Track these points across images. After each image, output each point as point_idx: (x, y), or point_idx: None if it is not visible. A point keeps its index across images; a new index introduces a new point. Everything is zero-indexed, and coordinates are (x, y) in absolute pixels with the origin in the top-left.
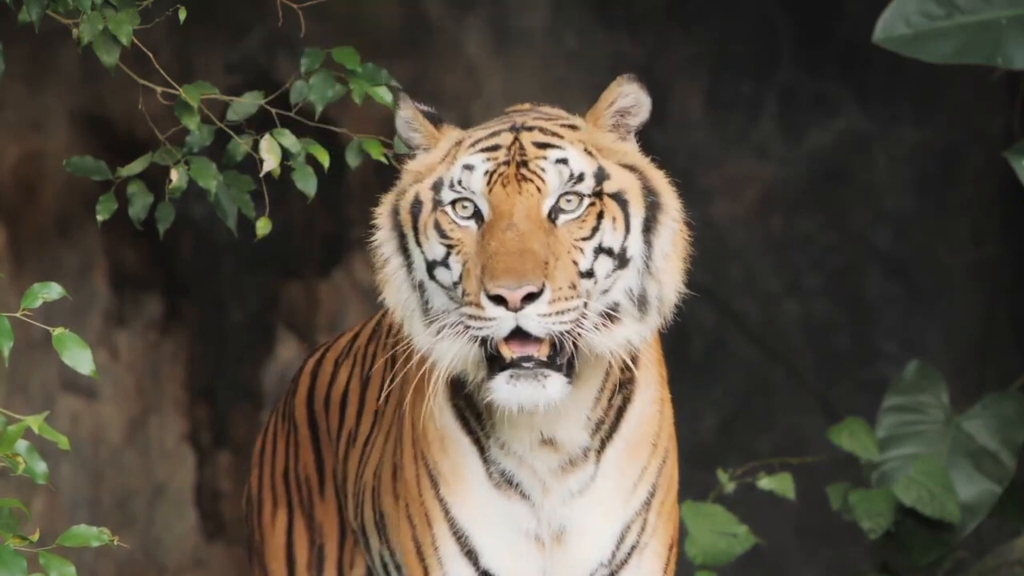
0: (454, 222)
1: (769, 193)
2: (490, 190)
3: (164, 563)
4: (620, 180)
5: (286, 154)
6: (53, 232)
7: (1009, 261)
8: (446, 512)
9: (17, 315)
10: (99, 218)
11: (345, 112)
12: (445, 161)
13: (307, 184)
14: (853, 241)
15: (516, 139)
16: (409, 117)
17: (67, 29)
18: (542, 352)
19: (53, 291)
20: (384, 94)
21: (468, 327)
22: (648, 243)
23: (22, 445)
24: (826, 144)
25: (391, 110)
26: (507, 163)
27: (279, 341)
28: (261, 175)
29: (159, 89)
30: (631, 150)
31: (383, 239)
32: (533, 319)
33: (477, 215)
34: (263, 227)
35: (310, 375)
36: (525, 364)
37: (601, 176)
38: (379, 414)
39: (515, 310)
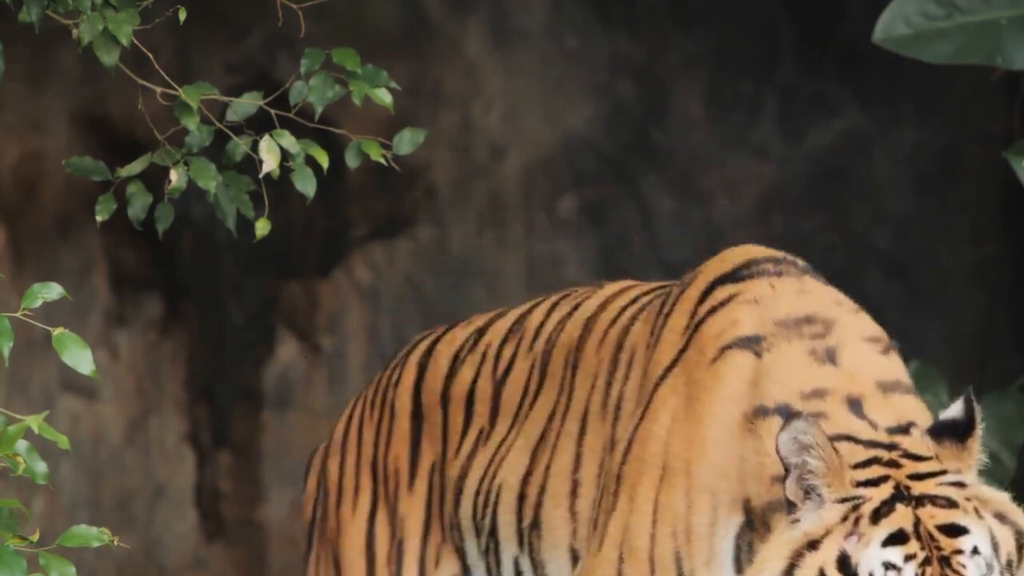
0: None
1: (769, 193)
2: None
3: (164, 563)
4: (1005, 541)
5: (285, 155)
6: (53, 232)
7: (1009, 261)
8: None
9: (17, 315)
10: (98, 218)
11: (345, 113)
12: (846, 532)
13: (306, 185)
14: (853, 241)
15: (917, 520)
16: (809, 440)
17: (67, 29)
18: None
19: (53, 291)
20: (384, 95)
21: None
22: None
23: (22, 445)
24: (826, 144)
25: (390, 111)
26: (927, 562)
27: (279, 341)
28: (260, 176)
29: (159, 89)
30: (1000, 496)
31: None
32: None
33: None
34: (262, 227)
35: (417, 366)
36: None
37: (1006, 556)
38: (520, 418)
39: None
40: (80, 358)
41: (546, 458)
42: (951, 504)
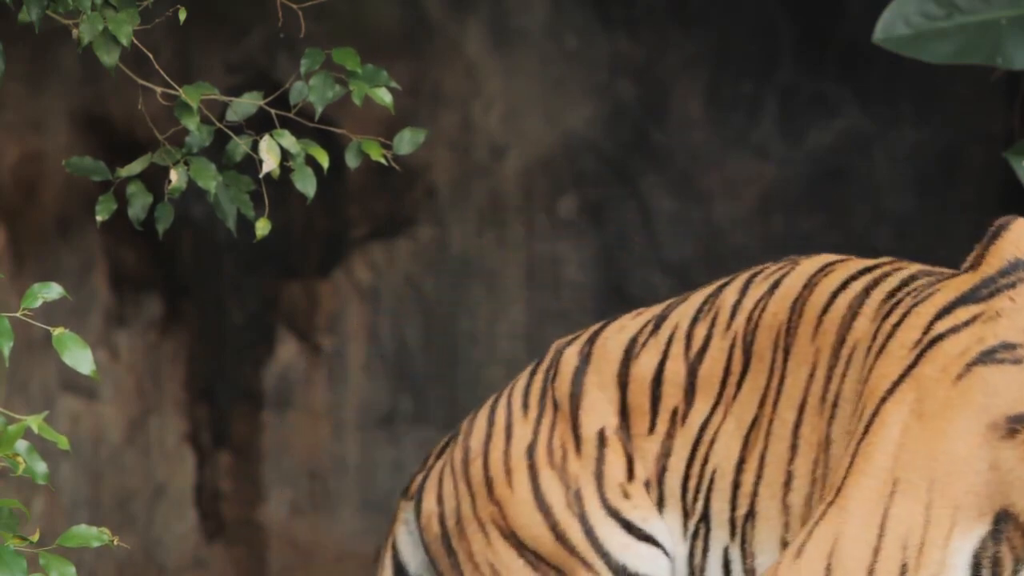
0: None
1: (769, 193)
2: None
3: (164, 563)
4: None
5: (285, 155)
6: (53, 232)
7: None
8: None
9: (17, 315)
10: (98, 218)
11: (345, 113)
12: None
13: (306, 185)
14: (853, 241)
15: None
16: None
17: (67, 29)
18: None
19: (53, 291)
20: (384, 95)
21: None
22: None
23: (22, 445)
24: (826, 144)
25: (390, 111)
26: None
27: (279, 341)
28: (260, 176)
29: (159, 89)
30: None
31: None
32: None
33: None
34: (262, 228)
35: (579, 356)
36: None
37: None
38: (724, 398)
39: None
40: (80, 358)
41: (760, 445)
42: None
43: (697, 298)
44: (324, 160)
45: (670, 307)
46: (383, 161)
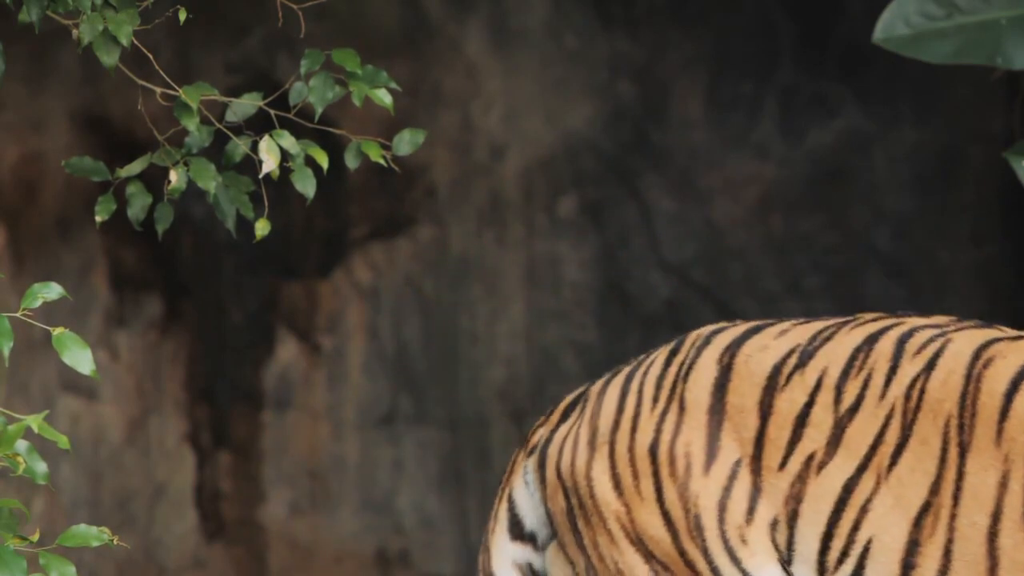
0: None
1: (769, 193)
2: None
3: (164, 563)
4: None
5: (285, 155)
6: (53, 232)
7: (1009, 261)
8: None
9: (17, 315)
10: (98, 219)
11: (345, 113)
12: None
13: (306, 185)
14: (853, 241)
15: None
16: None
17: (67, 29)
18: None
19: (53, 291)
20: (384, 96)
21: None
22: None
23: (22, 445)
24: (826, 144)
25: (390, 112)
26: None
27: (279, 341)
28: (260, 176)
29: (159, 90)
30: None
31: None
32: None
33: None
34: (262, 228)
35: (718, 366)
36: None
37: None
38: (873, 465)
39: None
40: (80, 358)
41: (941, 536)
42: None
43: (845, 343)
44: (324, 161)
45: (815, 341)
46: (382, 162)
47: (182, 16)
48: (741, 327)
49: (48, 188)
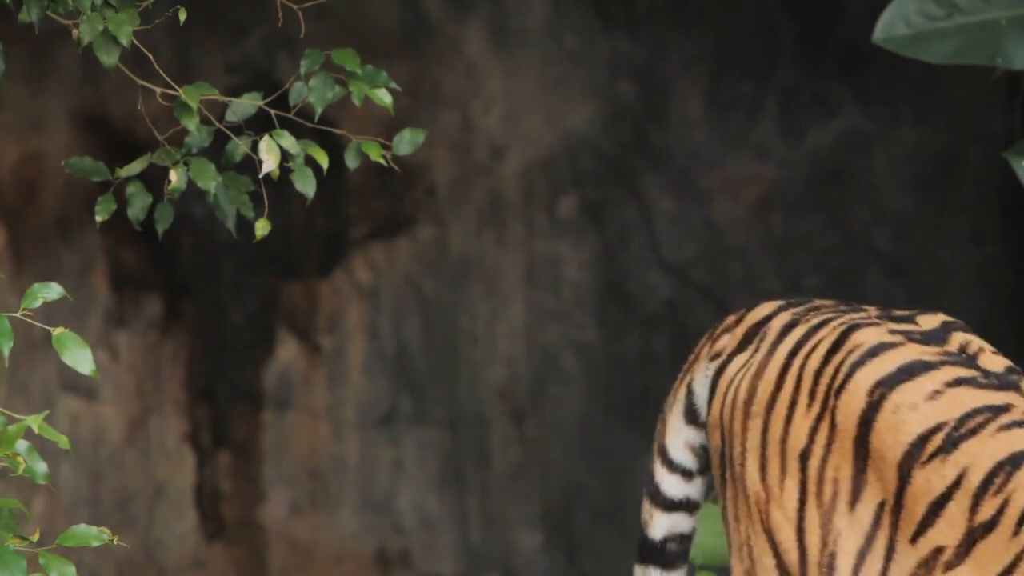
0: None
1: (769, 193)
2: None
3: (164, 563)
4: None
5: (285, 155)
6: (53, 232)
7: (1009, 261)
8: None
9: (17, 315)
10: (98, 219)
11: (345, 113)
12: None
13: (306, 185)
14: (853, 241)
15: None
16: None
17: (67, 29)
18: None
19: (53, 291)
20: (384, 96)
21: None
22: None
23: (22, 445)
24: (826, 144)
25: (390, 111)
26: None
27: (279, 341)
28: (260, 176)
29: (159, 90)
30: None
31: None
32: None
33: None
34: (262, 228)
35: (867, 401)
36: None
37: None
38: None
39: None
40: (80, 358)
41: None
42: None
43: (988, 451)
44: (324, 161)
45: (961, 428)
46: (382, 162)
47: (182, 16)
48: (894, 356)
49: (48, 188)
